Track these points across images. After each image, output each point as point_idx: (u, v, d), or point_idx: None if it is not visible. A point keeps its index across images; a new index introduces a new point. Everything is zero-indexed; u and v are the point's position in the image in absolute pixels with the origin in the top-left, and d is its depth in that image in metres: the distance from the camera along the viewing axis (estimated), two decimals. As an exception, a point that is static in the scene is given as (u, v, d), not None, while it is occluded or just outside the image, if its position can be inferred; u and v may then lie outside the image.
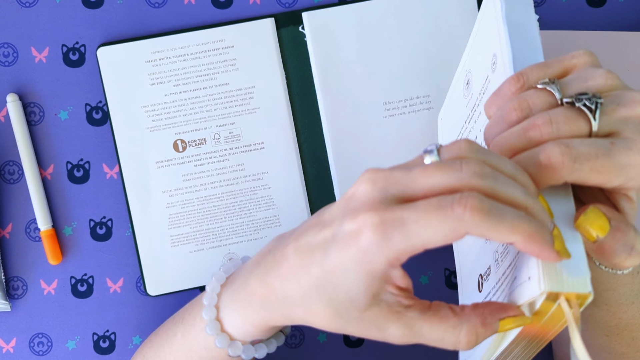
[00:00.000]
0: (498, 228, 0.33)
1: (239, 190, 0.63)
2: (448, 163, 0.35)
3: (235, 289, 0.46)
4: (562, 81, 0.39)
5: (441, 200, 0.34)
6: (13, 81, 0.63)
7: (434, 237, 0.34)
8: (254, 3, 0.63)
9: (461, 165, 0.35)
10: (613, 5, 0.64)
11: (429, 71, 0.63)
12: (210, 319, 0.46)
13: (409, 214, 0.34)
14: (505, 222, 0.33)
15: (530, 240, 0.34)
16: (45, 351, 0.63)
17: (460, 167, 0.35)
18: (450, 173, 0.35)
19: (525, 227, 0.34)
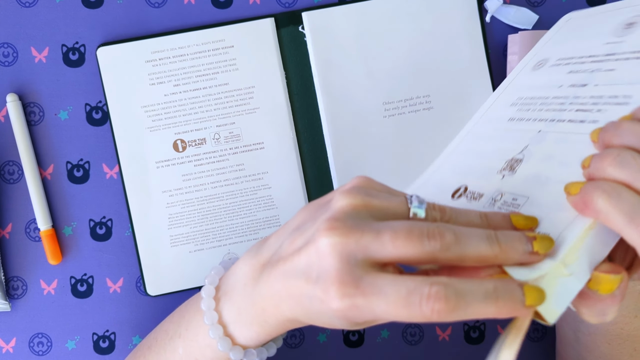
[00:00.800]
0: (466, 316, 0.35)
1: (238, 190, 0.63)
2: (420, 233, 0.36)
3: (242, 306, 0.46)
4: None
5: (409, 296, 0.35)
6: (13, 81, 0.63)
7: (399, 319, 0.36)
8: (253, 3, 0.63)
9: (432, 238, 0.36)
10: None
11: (429, 71, 0.63)
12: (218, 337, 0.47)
13: (378, 300, 0.36)
14: (471, 307, 0.34)
15: (502, 313, 0.35)
16: (45, 351, 0.63)
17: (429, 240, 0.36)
18: (419, 247, 0.36)
19: (491, 307, 0.34)
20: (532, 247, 0.36)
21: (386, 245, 0.36)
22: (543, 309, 0.35)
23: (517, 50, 0.61)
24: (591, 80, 0.44)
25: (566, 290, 0.35)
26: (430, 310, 0.34)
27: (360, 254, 0.37)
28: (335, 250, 0.37)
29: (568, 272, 0.35)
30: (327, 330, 0.64)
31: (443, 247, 0.36)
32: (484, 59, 0.63)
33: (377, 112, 0.63)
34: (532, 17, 0.63)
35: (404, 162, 0.63)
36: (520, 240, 0.36)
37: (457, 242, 0.36)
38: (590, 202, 0.35)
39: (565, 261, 0.35)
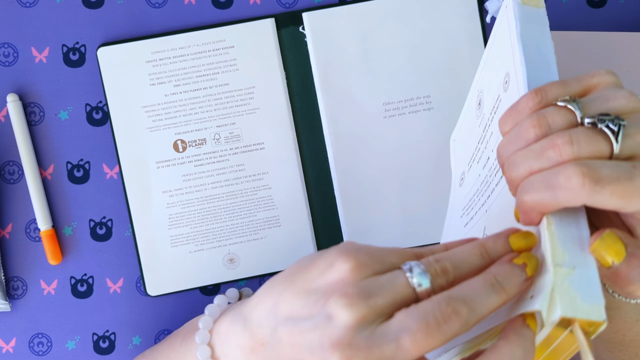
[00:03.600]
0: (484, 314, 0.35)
1: (239, 191, 0.63)
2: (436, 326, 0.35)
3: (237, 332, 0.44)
4: (583, 100, 0.38)
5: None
6: (13, 81, 0.63)
7: None
8: (254, 3, 0.63)
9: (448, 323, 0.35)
10: (613, 5, 0.64)
11: (429, 71, 0.63)
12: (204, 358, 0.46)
13: None
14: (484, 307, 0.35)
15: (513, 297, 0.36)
16: (45, 351, 0.63)
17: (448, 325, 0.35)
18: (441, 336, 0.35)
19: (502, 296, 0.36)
20: (526, 274, 0.37)
21: (410, 351, 0.35)
22: (584, 313, 0.34)
23: (518, 51, 0.61)
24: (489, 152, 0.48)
25: (585, 282, 0.35)
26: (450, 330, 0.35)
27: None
28: None
29: (569, 267, 0.35)
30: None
31: (462, 324, 0.35)
32: (484, 60, 0.63)
33: (378, 112, 0.63)
34: (533, 18, 0.63)
35: (404, 163, 0.63)
36: (516, 275, 0.37)
37: (472, 312, 0.35)
38: (524, 208, 0.36)
39: (557, 262, 0.35)
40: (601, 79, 0.39)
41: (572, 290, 0.34)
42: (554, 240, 0.36)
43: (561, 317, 0.33)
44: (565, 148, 0.36)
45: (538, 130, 0.37)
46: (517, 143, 0.38)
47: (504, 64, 0.45)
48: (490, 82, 0.48)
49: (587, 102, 0.38)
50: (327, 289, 0.37)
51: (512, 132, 0.39)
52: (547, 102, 0.38)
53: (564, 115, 0.37)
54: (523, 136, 0.38)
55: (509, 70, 0.43)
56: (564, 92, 0.38)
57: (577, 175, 0.35)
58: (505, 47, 0.44)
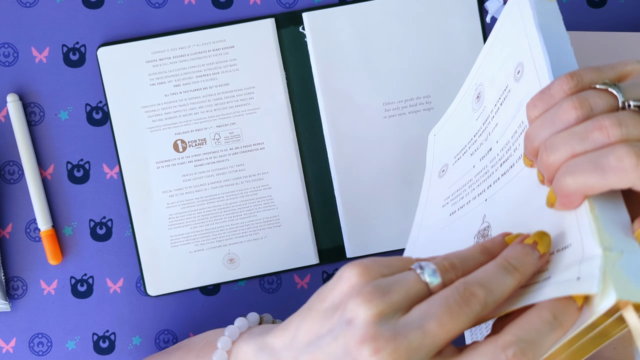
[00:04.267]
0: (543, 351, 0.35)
1: (239, 191, 0.63)
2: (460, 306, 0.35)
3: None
4: (622, 85, 0.37)
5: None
6: (13, 81, 0.63)
7: None
8: (254, 3, 0.63)
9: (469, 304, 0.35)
10: (613, 5, 0.64)
11: (429, 72, 0.63)
12: None
13: None
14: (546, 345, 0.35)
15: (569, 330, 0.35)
16: (45, 351, 0.63)
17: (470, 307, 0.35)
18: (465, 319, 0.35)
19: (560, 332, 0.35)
20: (538, 252, 0.36)
21: (438, 334, 0.35)
22: (638, 296, 0.33)
23: (518, 51, 0.61)
24: (491, 143, 0.47)
25: (634, 266, 0.34)
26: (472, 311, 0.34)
27: (419, 356, 0.35)
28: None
29: (617, 251, 0.34)
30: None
31: (482, 305, 0.35)
32: (485, 60, 0.63)
33: (378, 112, 0.63)
34: (533, 18, 0.63)
35: (404, 163, 0.63)
36: (528, 254, 0.36)
37: (490, 293, 0.35)
38: (566, 191, 0.35)
39: (605, 245, 0.34)
40: (635, 66, 0.39)
41: (623, 274, 0.34)
42: (599, 224, 0.35)
43: (617, 300, 0.33)
44: (613, 130, 0.35)
45: (580, 112, 0.36)
46: (554, 126, 0.37)
47: (514, 55, 0.44)
48: (494, 74, 0.48)
49: (627, 87, 0.37)
50: (342, 299, 0.37)
51: (547, 116, 0.37)
52: (582, 86, 0.37)
53: (605, 98, 0.36)
54: (561, 118, 0.37)
55: (523, 60, 0.43)
56: (599, 77, 0.38)
57: (630, 156, 0.34)
58: (516, 39, 0.44)
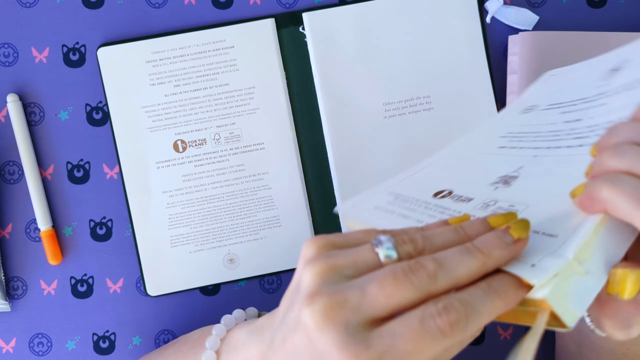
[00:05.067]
0: (481, 320, 0.33)
1: (239, 191, 0.63)
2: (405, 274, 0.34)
3: None
4: None
5: (424, 323, 0.33)
6: (13, 81, 0.63)
7: (425, 353, 0.33)
8: (254, 3, 0.63)
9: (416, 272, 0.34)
10: (613, 5, 0.64)
11: (429, 71, 0.63)
12: None
13: (396, 346, 0.33)
14: (481, 312, 0.33)
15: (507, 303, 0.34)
16: (45, 351, 0.63)
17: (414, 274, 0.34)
18: (410, 287, 0.33)
19: (495, 299, 0.34)
20: (511, 237, 0.35)
21: (377, 299, 0.33)
22: (561, 310, 0.33)
23: (518, 51, 0.61)
24: (585, 115, 0.45)
25: (584, 290, 0.34)
26: (448, 325, 0.33)
27: (354, 317, 0.33)
28: (327, 322, 0.33)
29: (584, 269, 0.34)
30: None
31: (431, 278, 0.33)
32: (485, 60, 0.63)
33: (378, 112, 0.63)
34: (533, 18, 0.63)
35: (404, 163, 0.63)
36: (497, 237, 0.35)
37: (441, 268, 0.34)
38: (595, 195, 0.34)
39: (579, 258, 0.34)
40: None
41: (570, 287, 0.34)
42: (593, 239, 0.35)
43: (543, 299, 0.33)
44: None
45: None
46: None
47: None
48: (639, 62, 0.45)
49: None
50: (298, 272, 0.36)
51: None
52: None
53: None
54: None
55: None
56: None
57: None
58: None
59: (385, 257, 0.35)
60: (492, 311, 0.33)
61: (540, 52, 0.61)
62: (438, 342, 0.32)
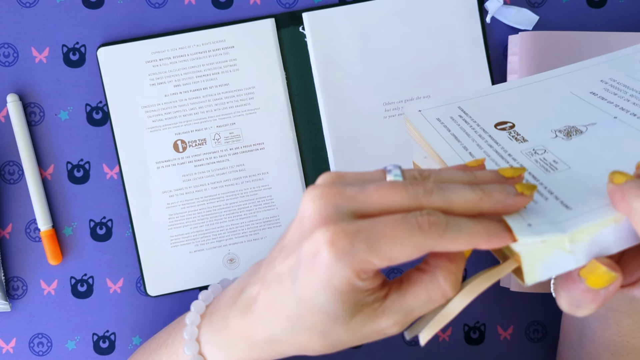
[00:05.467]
0: (459, 237, 0.34)
1: (239, 191, 0.63)
2: (403, 183, 0.36)
3: (217, 327, 0.45)
4: None
5: (405, 217, 0.34)
6: (13, 81, 0.63)
7: (400, 252, 0.34)
8: (254, 3, 0.63)
9: (415, 186, 0.35)
10: (613, 5, 0.64)
11: (429, 72, 0.63)
12: (193, 355, 0.46)
13: (375, 227, 0.34)
14: (463, 231, 0.34)
15: (490, 239, 0.35)
16: (45, 351, 0.63)
17: (413, 187, 0.35)
18: (405, 194, 0.35)
19: (480, 229, 0.35)
20: (514, 189, 0.36)
21: (372, 196, 0.35)
22: (527, 269, 0.35)
23: (518, 51, 0.61)
24: None
25: (557, 264, 0.35)
26: (427, 222, 0.34)
27: (346, 204, 0.35)
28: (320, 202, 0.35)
29: (570, 248, 0.35)
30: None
31: (426, 192, 0.35)
32: (484, 60, 0.63)
33: (378, 112, 0.63)
34: (533, 18, 0.63)
35: (404, 163, 0.63)
36: (502, 187, 0.36)
37: (439, 188, 0.36)
38: (628, 197, 0.34)
39: (573, 238, 0.35)
40: None
41: (548, 257, 0.35)
42: (597, 229, 0.35)
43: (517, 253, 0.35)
44: None
45: None
46: None
47: None
48: None
49: None
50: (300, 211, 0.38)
51: None
52: None
53: None
54: None
55: None
56: None
57: None
58: None
59: None
60: (472, 234, 0.35)
61: (540, 52, 0.61)
62: (414, 234, 0.34)
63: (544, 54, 0.61)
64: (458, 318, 0.64)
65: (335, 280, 0.35)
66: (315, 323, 0.37)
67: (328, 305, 0.36)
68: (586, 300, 0.36)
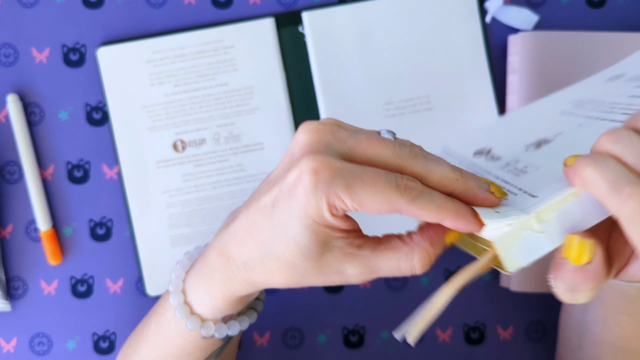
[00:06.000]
0: (428, 206, 0.37)
1: (239, 191, 0.63)
2: (392, 141, 0.38)
3: (197, 269, 0.46)
4: None
5: (387, 173, 0.37)
6: (13, 81, 0.63)
7: (371, 200, 0.36)
8: (254, 3, 0.63)
9: (403, 146, 0.38)
10: (613, 6, 0.64)
11: (429, 72, 0.63)
12: (178, 304, 0.47)
13: (357, 171, 0.37)
14: (434, 202, 0.37)
15: (457, 217, 0.37)
16: (46, 351, 0.63)
17: (400, 147, 0.38)
18: (392, 150, 0.38)
19: (450, 206, 0.37)
20: (488, 185, 0.39)
21: (361, 142, 0.38)
22: (504, 255, 0.37)
23: (518, 51, 0.61)
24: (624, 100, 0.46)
25: (534, 245, 0.37)
26: (404, 185, 0.36)
27: (337, 144, 0.38)
28: (312, 139, 0.38)
29: (540, 228, 0.36)
30: (326, 331, 0.64)
31: (411, 155, 0.38)
32: (485, 60, 0.63)
33: (378, 112, 0.63)
34: (533, 18, 0.63)
35: (404, 163, 0.63)
36: (478, 179, 0.39)
37: (423, 155, 0.38)
38: (578, 171, 0.36)
39: (540, 217, 0.36)
40: None
41: (520, 239, 0.36)
42: (559, 205, 0.37)
43: (490, 241, 0.37)
44: None
45: None
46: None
47: None
48: None
49: None
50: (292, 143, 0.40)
51: None
52: None
53: None
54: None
55: None
56: None
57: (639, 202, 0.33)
58: None
59: None
60: (441, 207, 0.37)
61: (540, 52, 0.61)
62: (390, 190, 0.36)
63: (544, 54, 0.61)
64: (458, 318, 0.64)
65: (309, 208, 0.37)
66: (284, 252, 0.39)
67: (299, 234, 0.38)
68: (578, 281, 0.37)
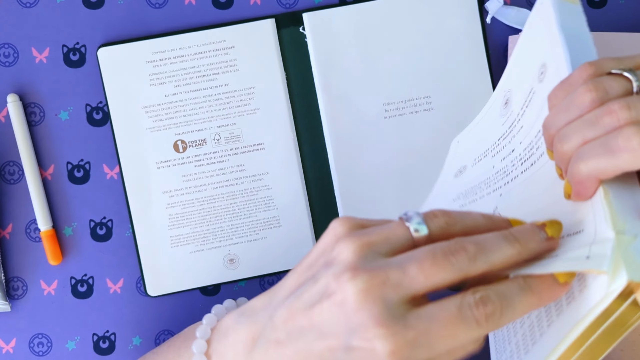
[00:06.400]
0: (514, 316, 0.35)
1: (239, 191, 0.63)
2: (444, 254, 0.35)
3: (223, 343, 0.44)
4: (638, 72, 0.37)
5: (461, 310, 0.34)
6: (13, 81, 0.63)
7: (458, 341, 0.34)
8: (254, 4, 0.63)
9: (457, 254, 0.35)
10: (614, 6, 0.64)
11: (429, 72, 0.63)
12: None
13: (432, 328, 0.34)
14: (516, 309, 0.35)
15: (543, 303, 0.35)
16: (45, 351, 0.63)
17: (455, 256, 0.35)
18: (449, 268, 0.35)
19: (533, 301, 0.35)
20: (546, 234, 0.36)
21: (417, 278, 0.35)
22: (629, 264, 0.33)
23: (518, 51, 0.61)
24: (514, 144, 0.47)
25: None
26: (483, 316, 0.34)
27: (394, 295, 0.35)
28: (367, 297, 0.34)
29: (630, 235, 0.34)
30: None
31: (470, 260, 0.35)
32: (485, 60, 0.63)
33: (378, 113, 0.63)
34: (533, 18, 0.63)
35: (404, 163, 0.63)
36: (533, 230, 0.36)
37: (481, 251, 0.35)
38: (579, 177, 0.35)
39: (617, 228, 0.34)
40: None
41: (636, 256, 0.33)
42: (612, 209, 0.35)
43: (629, 280, 0.33)
44: (622, 113, 0.35)
45: (594, 95, 0.36)
46: (569, 113, 0.37)
47: (538, 58, 0.45)
48: (521, 79, 0.48)
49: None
50: (325, 248, 0.37)
51: (563, 102, 0.37)
52: (601, 73, 0.37)
53: (620, 82, 0.36)
54: (576, 103, 0.36)
55: (546, 61, 0.43)
56: (617, 65, 0.37)
57: (638, 136, 0.33)
58: (540, 42, 0.45)
59: (415, 231, 0.36)
60: (525, 307, 0.35)
61: (541, 53, 0.61)
62: (471, 330, 0.34)
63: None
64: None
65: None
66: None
67: None
68: None
